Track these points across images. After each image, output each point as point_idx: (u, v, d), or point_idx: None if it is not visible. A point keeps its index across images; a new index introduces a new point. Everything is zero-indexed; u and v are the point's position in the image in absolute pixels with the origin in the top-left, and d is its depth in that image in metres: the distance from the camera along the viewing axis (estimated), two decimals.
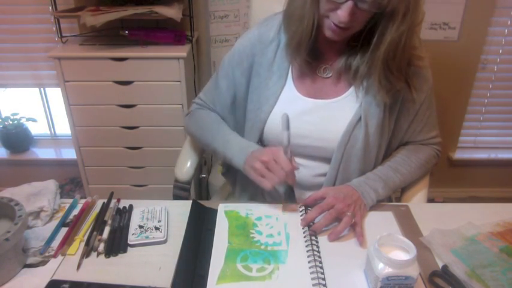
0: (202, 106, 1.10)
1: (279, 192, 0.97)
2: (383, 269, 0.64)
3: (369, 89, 0.89)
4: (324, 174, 0.97)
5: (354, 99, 0.92)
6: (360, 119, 0.91)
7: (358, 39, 0.86)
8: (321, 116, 0.93)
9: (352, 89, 0.93)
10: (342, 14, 0.77)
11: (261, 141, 1.00)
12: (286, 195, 0.90)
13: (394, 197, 1.08)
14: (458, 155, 2.21)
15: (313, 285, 0.68)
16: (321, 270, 0.71)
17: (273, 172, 0.83)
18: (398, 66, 0.85)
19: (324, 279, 0.70)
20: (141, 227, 0.82)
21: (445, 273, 0.71)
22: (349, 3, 0.75)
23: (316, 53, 0.92)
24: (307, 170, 0.98)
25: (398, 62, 0.84)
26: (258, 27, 0.98)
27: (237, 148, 0.93)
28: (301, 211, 0.87)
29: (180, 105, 1.74)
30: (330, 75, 0.94)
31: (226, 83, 1.02)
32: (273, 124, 0.95)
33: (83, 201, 0.92)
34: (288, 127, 0.87)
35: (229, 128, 1.02)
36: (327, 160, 0.95)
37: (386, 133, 0.95)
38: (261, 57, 0.96)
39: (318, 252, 0.76)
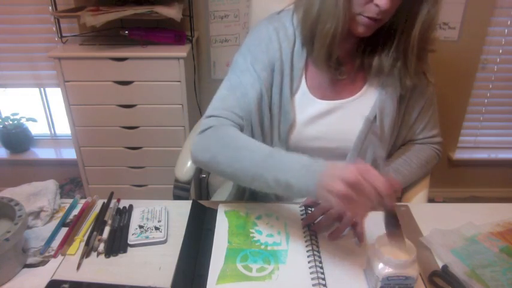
0: (225, 118, 0.87)
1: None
2: (383, 269, 0.64)
3: (383, 85, 0.89)
4: None
5: (368, 98, 0.92)
6: (375, 117, 0.90)
7: (374, 35, 0.85)
8: (336, 117, 0.92)
9: (366, 87, 0.92)
10: (382, 3, 0.75)
11: (287, 148, 0.94)
12: (387, 221, 0.67)
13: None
14: (458, 155, 2.21)
15: (313, 285, 0.68)
16: (321, 270, 0.71)
17: (364, 195, 0.62)
18: (427, 46, 0.86)
19: (324, 279, 0.70)
20: (141, 227, 0.82)
21: (445, 273, 0.71)
22: None
23: (335, 54, 0.88)
24: None
25: (429, 42, 0.85)
26: (270, 22, 0.92)
27: (297, 167, 0.70)
28: (301, 211, 0.87)
29: (180, 105, 1.74)
30: (345, 76, 0.92)
31: (249, 78, 0.89)
32: (297, 127, 0.92)
33: (83, 201, 0.92)
34: (375, 133, 0.80)
35: (268, 146, 0.79)
36: (340, 159, 0.95)
37: (396, 130, 0.96)
38: (281, 51, 0.89)
39: (318, 252, 0.76)
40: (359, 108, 0.92)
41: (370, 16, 0.78)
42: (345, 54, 0.92)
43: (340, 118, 0.92)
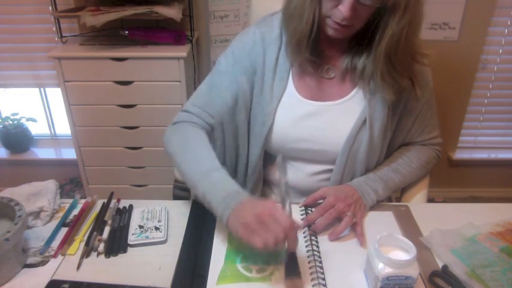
0: (195, 116, 0.94)
1: (271, 257, 0.77)
2: (383, 269, 0.64)
3: (374, 89, 0.88)
4: (327, 179, 0.96)
5: (358, 101, 0.91)
6: (364, 121, 0.89)
7: (361, 38, 0.85)
8: (324, 119, 0.91)
9: (356, 90, 0.91)
10: (343, 10, 0.76)
11: (265, 149, 0.96)
12: (288, 266, 0.71)
13: (394, 197, 1.08)
14: (458, 155, 2.21)
15: (313, 285, 0.68)
16: (321, 270, 0.71)
17: (267, 227, 0.66)
18: (402, 61, 0.83)
19: (324, 279, 0.70)
20: (141, 227, 0.82)
21: (445, 273, 0.71)
22: None
23: (318, 53, 0.89)
24: (311, 175, 0.97)
25: (401, 57, 0.82)
26: (258, 27, 0.94)
27: (221, 195, 0.75)
28: (301, 211, 0.87)
29: (180, 105, 1.73)
30: (333, 75, 0.92)
31: (225, 80, 0.94)
32: (277, 129, 0.93)
33: (83, 201, 0.92)
34: (285, 171, 0.80)
35: (216, 160, 0.83)
36: (329, 163, 0.94)
37: (389, 135, 0.94)
38: (264, 56, 0.92)
39: (318, 252, 0.76)
40: (348, 112, 0.91)
41: (336, 21, 0.79)
42: (334, 53, 0.92)
43: (328, 121, 0.91)
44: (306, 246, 0.77)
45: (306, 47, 0.85)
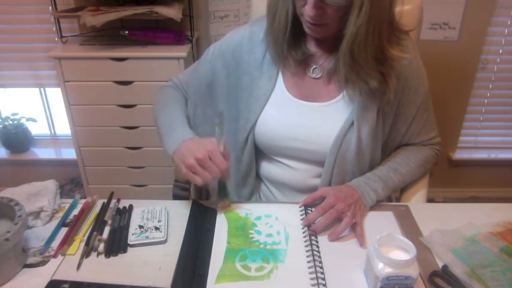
0: (176, 86, 1.07)
1: (209, 189, 0.98)
2: (383, 269, 0.64)
3: (361, 92, 0.87)
4: (319, 175, 0.96)
5: (347, 103, 0.90)
6: (352, 123, 0.89)
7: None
8: (312, 119, 0.91)
9: (344, 92, 0.90)
10: (308, 9, 0.77)
11: (250, 142, 0.97)
12: (220, 190, 0.87)
13: (394, 197, 1.08)
14: (458, 155, 2.21)
15: (312, 285, 0.68)
16: (321, 270, 0.71)
17: (206, 169, 0.79)
18: (366, 61, 0.81)
19: (323, 279, 0.70)
20: (141, 227, 0.82)
21: (445, 273, 0.71)
22: None
23: (303, 51, 0.90)
24: (301, 172, 0.97)
25: (363, 57, 0.80)
26: (251, 26, 0.97)
27: (173, 135, 0.89)
28: (301, 211, 0.87)
29: None
30: (320, 75, 0.92)
31: (205, 68, 1.01)
32: (264, 126, 0.94)
33: (83, 201, 0.92)
34: (221, 124, 0.85)
35: (183, 114, 0.96)
36: (320, 163, 0.94)
37: (380, 137, 0.94)
38: (250, 55, 0.95)
39: (318, 252, 0.76)
40: (337, 113, 0.91)
41: (306, 20, 0.80)
42: (322, 53, 0.92)
43: (316, 121, 0.91)
44: (306, 246, 0.77)
45: (282, 43, 0.87)
